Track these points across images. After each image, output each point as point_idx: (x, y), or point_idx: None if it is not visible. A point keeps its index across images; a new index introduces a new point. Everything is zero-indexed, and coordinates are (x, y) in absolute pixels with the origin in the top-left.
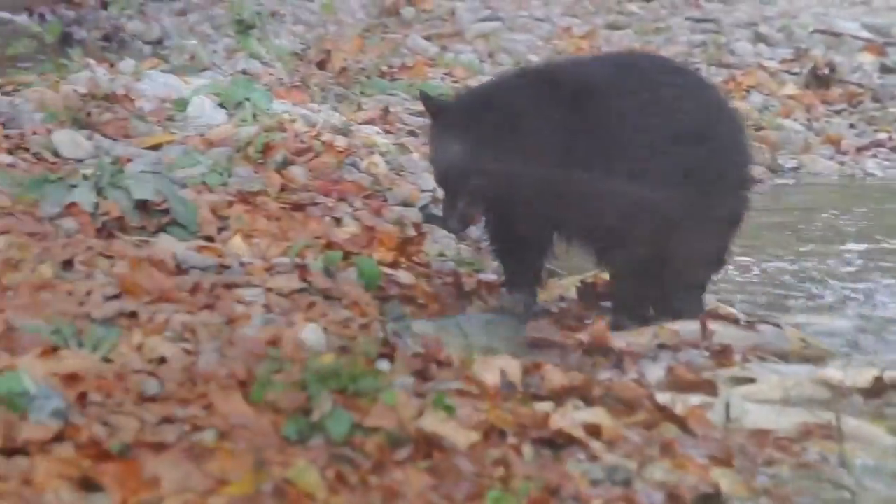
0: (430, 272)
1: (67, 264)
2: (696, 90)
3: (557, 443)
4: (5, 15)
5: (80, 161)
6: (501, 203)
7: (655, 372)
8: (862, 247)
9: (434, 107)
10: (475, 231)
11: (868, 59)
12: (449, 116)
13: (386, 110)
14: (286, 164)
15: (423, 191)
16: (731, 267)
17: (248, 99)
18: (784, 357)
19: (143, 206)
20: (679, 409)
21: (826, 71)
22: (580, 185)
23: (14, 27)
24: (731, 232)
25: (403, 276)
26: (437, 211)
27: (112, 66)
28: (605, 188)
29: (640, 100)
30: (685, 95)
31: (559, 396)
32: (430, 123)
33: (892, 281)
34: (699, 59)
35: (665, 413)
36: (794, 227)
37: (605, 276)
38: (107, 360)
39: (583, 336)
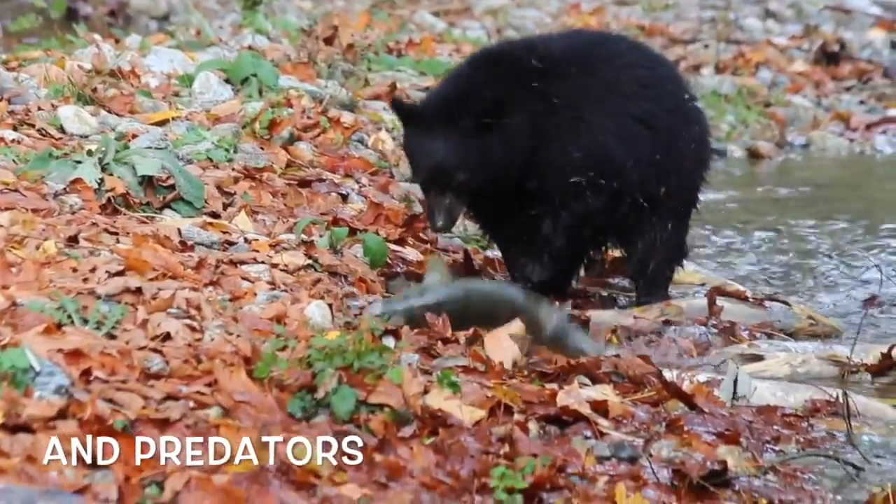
0: (436, 248)
1: (72, 241)
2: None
3: (564, 420)
4: None
5: (85, 137)
6: (483, 193)
7: (662, 348)
8: (867, 223)
9: (407, 112)
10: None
11: (878, 36)
12: (425, 119)
13: (393, 86)
14: (292, 140)
15: None
16: (736, 242)
17: (254, 75)
18: (792, 334)
19: (148, 182)
20: (686, 386)
21: (836, 47)
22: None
23: (19, 3)
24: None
25: (410, 253)
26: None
27: (118, 41)
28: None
29: (600, 78)
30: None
31: (566, 373)
32: (405, 130)
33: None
34: (707, 36)
35: (672, 390)
36: (802, 203)
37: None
38: (111, 336)
39: None
